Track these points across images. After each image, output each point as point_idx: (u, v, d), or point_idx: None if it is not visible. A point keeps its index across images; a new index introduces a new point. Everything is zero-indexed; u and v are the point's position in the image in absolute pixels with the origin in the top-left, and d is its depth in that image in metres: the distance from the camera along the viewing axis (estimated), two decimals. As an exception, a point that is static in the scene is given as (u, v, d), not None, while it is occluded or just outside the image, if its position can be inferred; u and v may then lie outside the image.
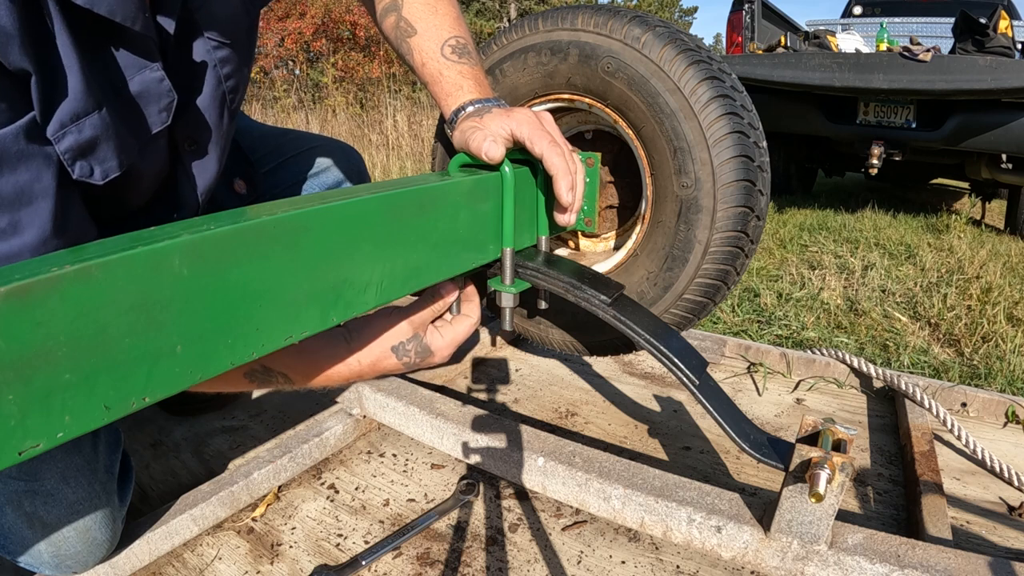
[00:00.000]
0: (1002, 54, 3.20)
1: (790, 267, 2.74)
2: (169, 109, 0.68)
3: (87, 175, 0.61)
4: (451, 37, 0.81)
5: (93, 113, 0.59)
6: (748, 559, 0.80)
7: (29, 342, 0.33)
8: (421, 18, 0.82)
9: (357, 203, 0.53)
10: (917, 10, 5.19)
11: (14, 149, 0.55)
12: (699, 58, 0.84)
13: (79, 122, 0.58)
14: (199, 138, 0.77)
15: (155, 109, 0.67)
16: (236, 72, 0.77)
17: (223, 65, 0.74)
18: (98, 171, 0.62)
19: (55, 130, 0.57)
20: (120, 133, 0.63)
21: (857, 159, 4.11)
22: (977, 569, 0.71)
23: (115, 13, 0.57)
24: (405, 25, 0.82)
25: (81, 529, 0.74)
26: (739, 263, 0.91)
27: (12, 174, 0.55)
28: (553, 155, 0.69)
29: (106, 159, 0.62)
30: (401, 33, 0.83)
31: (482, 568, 0.82)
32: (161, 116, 0.68)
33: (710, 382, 0.81)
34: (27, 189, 0.57)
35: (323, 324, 0.52)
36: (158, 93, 0.66)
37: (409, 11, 0.83)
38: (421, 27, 0.82)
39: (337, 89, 8.80)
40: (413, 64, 0.83)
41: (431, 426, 1.06)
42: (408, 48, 0.83)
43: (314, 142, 1.16)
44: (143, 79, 0.65)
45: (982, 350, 1.80)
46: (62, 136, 0.57)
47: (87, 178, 0.61)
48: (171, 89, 0.67)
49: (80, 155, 0.60)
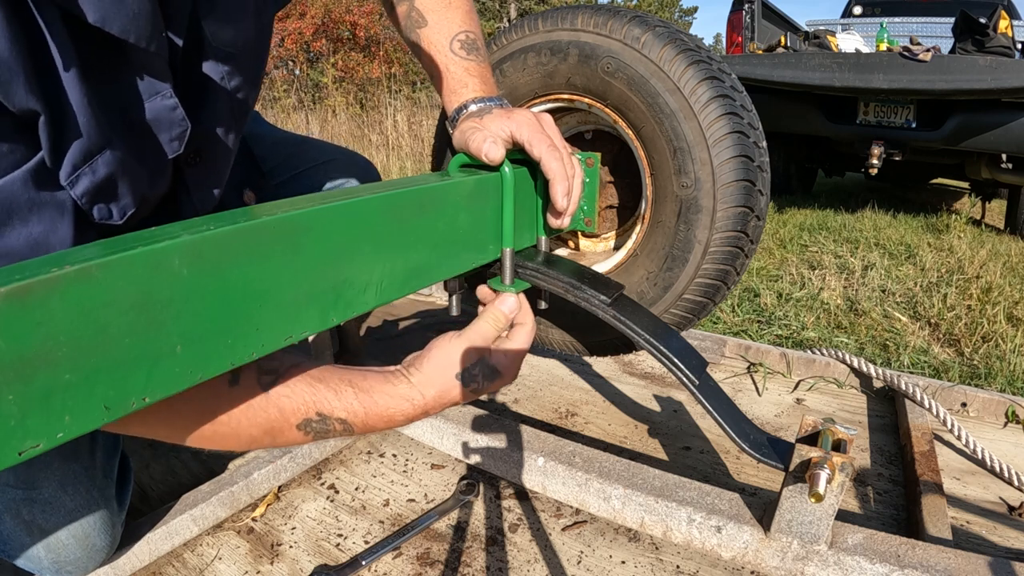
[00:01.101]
0: (1002, 54, 3.20)
1: (790, 267, 2.74)
2: (182, 138, 0.63)
3: (107, 217, 0.57)
4: (461, 32, 0.80)
5: (105, 150, 0.54)
6: (748, 559, 0.80)
7: (29, 342, 0.33)
8: (433, 10, 0.81)
9: (357, 203, 0.53)
10: (917, 10, 5.19)
11: (24, 198, 0.49)
12: (699, 58, 0.84)
13: (92, 162, 0.53)
14: (203, 152, 0.73)
15: (167, 137, 0.63)
16: (246, 83, 0.72)
17: (231, 78, 0.69)
18: (116, 211, 0.58)
19: (68, 173, 0.52)
20: (133, 166, 0.59)
21: (857, 159, 4.11)
22: (977, 569, 0.71)
23: (128, 32, 0.51)
24: (417, 15, 0.81)
25: (80, 535, 0.74)
26: (739, 263, 0.91)
27: (24, 226, 0.50)
28: (551, 159, 0.69)
29: (122, 196, 0.58)
30: (412, 23, 0.82)
31: (482, 568, 0.82)
32: (173, 145, 0.63)
33: (710, 382, 0.81)
34: (42, 242, 0.52)
35: (323, 324, 0.52)
36: (170, 121, 0.62)
37: (422, 2, 0.81)
38: (432, 19, 0.81)
39: (337, 89, 8.80)
40: (421, 56, 0.82)
41: (431, 426, 1.06)
42: (417, 38, 0.81)
43: (331, 154, 1.12)
44: (155, 107, 0.60)
45: (982, 350, 1.80)
46: (76, 179, 0.52)
47: (106, 220, 0.57)
48: (184, 118, 0.62)
49: (97, 197, 0.55)
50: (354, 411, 0.58)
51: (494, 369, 0.63)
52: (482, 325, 0.64)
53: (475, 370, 0.62)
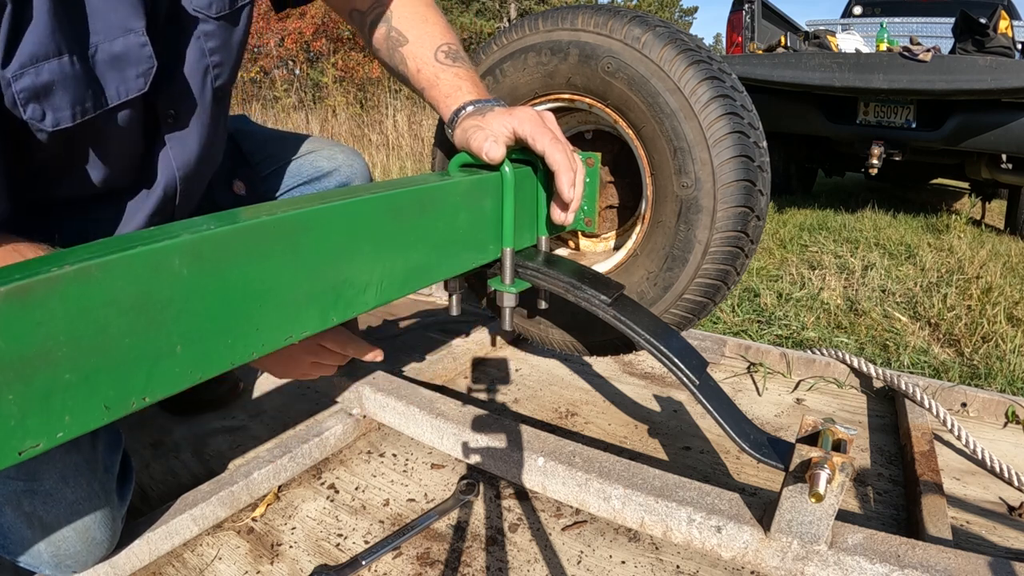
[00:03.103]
0: (1002, 54, 3.19)
1: (790, 267, 2.73)
2: (147, 75, 0.67)
3: (37, 118, 0.60)
4: (443, 44, 0.83)
5: (53, 59, 0.58)
6: (748, 559, 0.80)
7: (29, 342, 0.33)
8: (412, 27, 0.84)
9: (357, 203, 0.53)
10: (917, 10, 5.19)
11: None
12: (699, 58, 0.84)
13: (38, 65, 0.57)
14: (179, 110, 0.76)
15: (133, 73, 0.66)
16: (222, 48, 0.76)
17: (208, 39, 0.74)
18: (49, 117, 0.61)
19: (14, 69, 0.56)
20: (81, 86, 0.62)
21: (857, 159, 4.11)
22: (977, 569, 0.71)
23: None
24: (396, 35, 0.84)
25: (80, 529, 0.74)
26: (739, 263, 0.91)
27: None
28: (555, 151, 0.70)
29: (60, 108, 0.61)
30: (393, 43, 0.84)
31: (482, 568, 0.82)
32: (138, 82, 0.67)
33: (710, 382, 0.81)
34: None
35: (323, 324, 0.52)
36: (138, 57, 0.66)
37: (399, 22, 0.84)
38: (413, 35, 0.83)
39: (337, 89, 8.79)
40: (407, 72, 0.84)
41: (431, 426, 1.06)
42: (401, 57, 0.84)
43: (317, 146, 1.14)
44: (126, 42, 0.64)
45: (982, 350, 1.80)
46: (20, 76, 0.57)
47: (37, 121, 0.60)
48: (152, 56, 0.66)
49: (33, 97, 0.59)
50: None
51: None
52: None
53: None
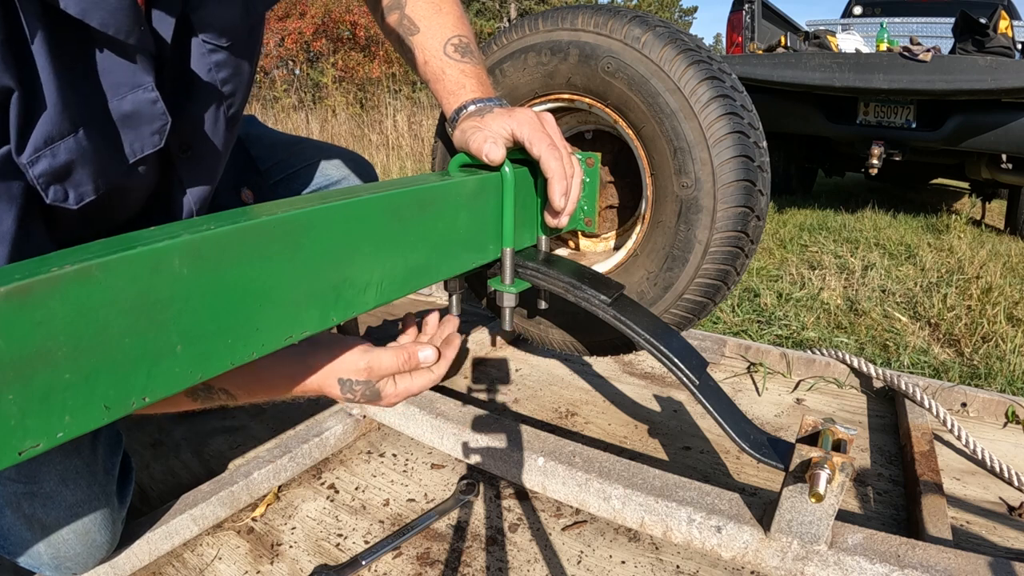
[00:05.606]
0: (1002, 54, 3.19)
1: (790, 267, 2.73)
2: (162, 132, 0.65)
3: (61, 200, 0.59)
4: (454, 36, 0.81)
5: (69, 136, 0.55)
6: (748, 559, 0.80)
7: (29, 342, 0.33)
8: (425, 16, 0.82)
9: (357, 203, 0.53)
10: (917, 10, 5.19)
11: None
12: (699, 58, 0.84)
13: (54, 146, 0.55)
14: (194, 145, 0.74)
15: (147, 131, 0.64)
16: (234, 77, 0.73)
17: (219, 69, 0.71)
18: (72, 196, 0.59)
19: (29, 154, 0.53)
20: (101, 156, 0.60)
21: (857, 159, 4.11)
22: (977, 569, 0.71)
23: (108, 25, 0.53)
24: (408, 23, 0.82)
25: (80, 531, 0.74)
26: (739, 263, 0.91)
27: None
28: (551, 158, 0.69)
29: (81, 183, 0.59)
30: (404, 31, 0.83)
31: (482, 568, 0.82)
32: (153, 139, 0.65)
33: (710, 382, 0.80)
34: None
35: (323, 324, 0.52)
36: (151, 115, 0.63)
37: (413, 9, 0.82)
38: (424, 25, 0.82)
39: (337, 89, 8.79)
40: (416, 62, 0.83)
41: (431, 426, 1.06)
42: (410, 46, 0.82)
43: (327, 153, 1.12)
44: (136, 99, 0.61)
45: (982, 350, 1.80)
46: (36, 160, 0.54)
47: (61, 203, 0.59)
48: (165, 112, 0.64)
49: (54, 180, 0.57)
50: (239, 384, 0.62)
51: (376, 393, 0.65)
52: (386, 358, 0.64)
53: (357, 386, 0.63)
